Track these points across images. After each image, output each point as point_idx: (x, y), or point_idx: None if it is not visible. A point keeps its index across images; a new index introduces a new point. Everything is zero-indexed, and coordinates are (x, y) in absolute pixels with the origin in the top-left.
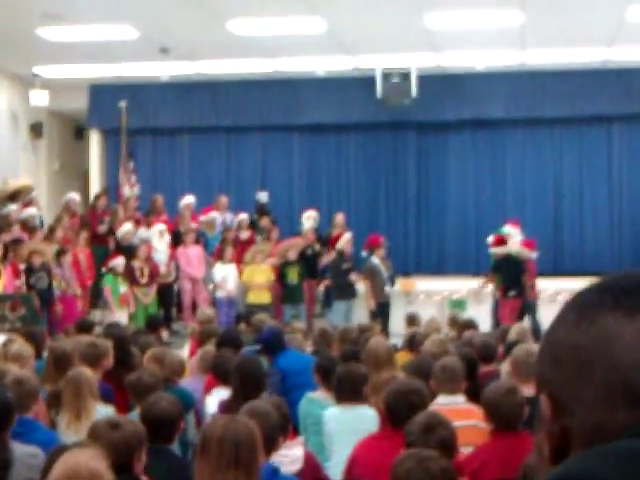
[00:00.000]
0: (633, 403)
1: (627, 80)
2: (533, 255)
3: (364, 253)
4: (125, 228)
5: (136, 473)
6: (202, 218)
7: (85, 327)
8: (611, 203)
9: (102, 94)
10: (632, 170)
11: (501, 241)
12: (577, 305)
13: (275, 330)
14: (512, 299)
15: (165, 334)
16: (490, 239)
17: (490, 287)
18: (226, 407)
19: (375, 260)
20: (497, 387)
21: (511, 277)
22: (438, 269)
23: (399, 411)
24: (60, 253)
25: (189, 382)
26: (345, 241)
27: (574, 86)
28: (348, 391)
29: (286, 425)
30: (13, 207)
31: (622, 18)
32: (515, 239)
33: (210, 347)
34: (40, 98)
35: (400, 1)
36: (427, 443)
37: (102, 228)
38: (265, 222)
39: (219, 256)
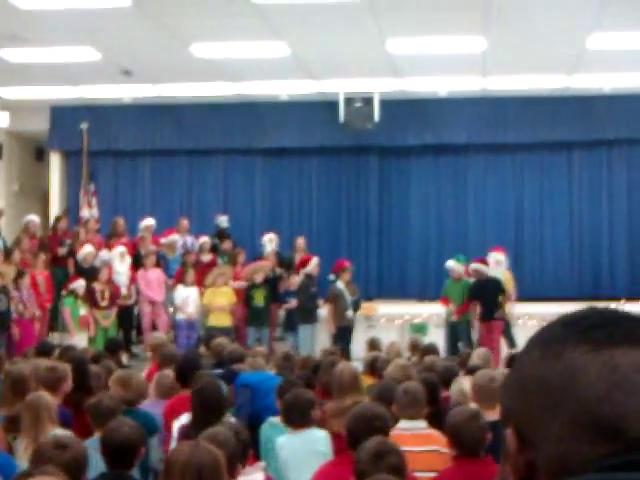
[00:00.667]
0: (599, 437)
1: (587, 107)
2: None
3: (332, 276)
4: (86, 250)
5: None
6: (163, 240)
7: (45, 350)
8: (571, 229)
9: (63, 115)
10: (592, 196)
11: (485, 263)
12: (543, 339)
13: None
14: (497, 321)
15: (124, 357)
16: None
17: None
18: (185, 432)
19: (340, 285)
20: (460, 412)
21: (492, 300)
22: (400, 293)
23: (361, 436)
24: (18, 275)
25: (147, 406)
26: (314, 265)
27: (535, 112)
28: (296, 416)
29: (246, 451)
30: None
31: (583, 46)
32: (503, 267)
33: (168, 371)
34: (0, 119)
35: (363, 27)
36: (377, 469)
37: (62, 250)
38: (227, 245)
39: (179, 279)
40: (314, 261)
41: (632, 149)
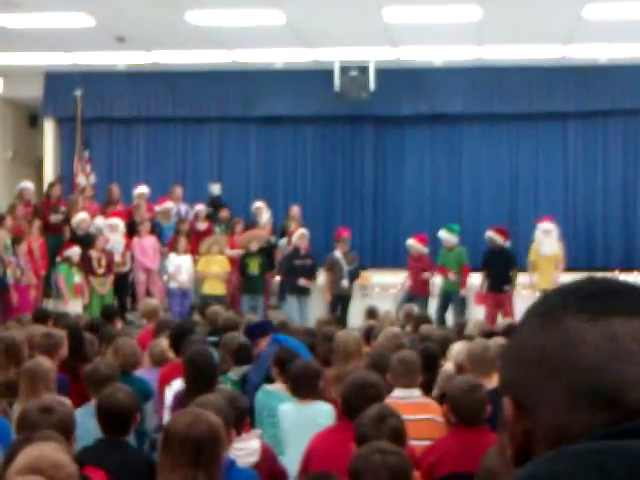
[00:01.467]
0: (597, 406)
1: (583, 77)
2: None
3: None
4: (80, 217)
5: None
6: (157, 208)
7: (41, 317)
8: (566, 199)
9: (57, 82)
10: (587, 166)
11: (500, 232)
12: (542, 309)
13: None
14: (506, 293)
15: (119, 324)
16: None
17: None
18: (179, 399)
19: (337, 253)
20: (461, 382)
21: (502, 271)
22: (394, 263)
23: (356, 404)
24: (15, 242)
25: (142, 373)
26: (297, 236)
27: (531, 82)
28: (304, 387)
29: (242, 418)
30: None
31: (579, 15)
32: (553, 236)
33: (161, 339)
34: None
35: None
36: (380, 433)
37: (57, 217)
38: (224, 214)
39: (172, 247)
40: (298, 232)
41: (628, 120)
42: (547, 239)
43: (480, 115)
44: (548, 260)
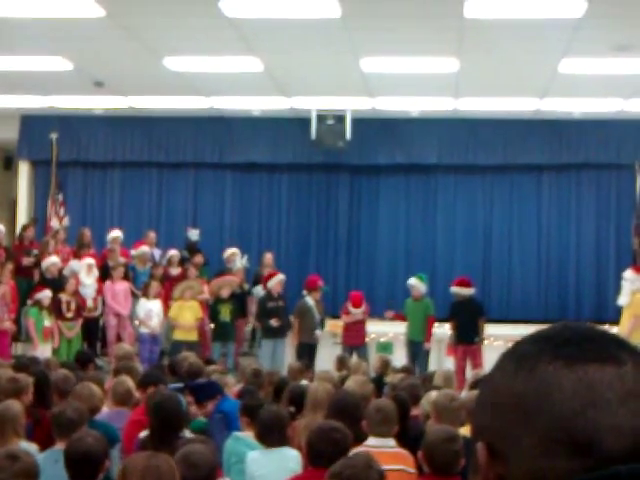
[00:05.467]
0: (572, 452)
1: (558, 130)
2: None
3: (304, 292)
4: (50, 261)
5: None
6: (133, 252)
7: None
8: (539, 251)
9: (33, 125)
10: (561, 219)
11: (463, 283)
12: (516, 355)
13: (212, 381)
14: (476, 345)
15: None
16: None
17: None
18: (143, 445)
19: (309, 301)
20: (438, 431)
21: (470, 322)
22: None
23: (322, 448)
24: None
25: (105, 414)
26: (276, 281)
27: (506, 134)
28: (273, 433)
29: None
30: None
31: (555, 70)
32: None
33: (124, 378)
34: None
35: (337, 45)
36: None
37: (28, 260)
38: (199, 259)
39: (144, 292)
40: (277, 277)
41: (600, 173)
42: (631, 287)
43: (455, 166)
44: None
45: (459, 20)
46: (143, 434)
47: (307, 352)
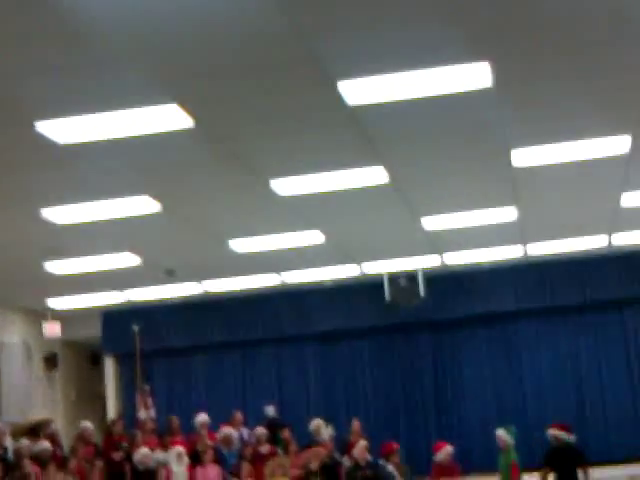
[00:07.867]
0: None
1: (634, 263)
2: None
3: (380, 461)
4: (142, 452)
5: None
6: (218, 435)
7: None
8: (633, 389)
9: (115, 320)
10: None
11: (564, 428)
12: None
13: None
14: None
15: None
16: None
17: None
18: None
19: (389, 468)
20: None
21: (569, 469)
22: (463, 466)
23: None
24: None
25: None
26: (359, 449)
27: (581, 273)
28: None
29: None
30: (25, 442)
31: (617, 205)
32: None
33: None
34: (53, 330)
35: (392, 209)
36: None
37: (118, 455)
38: (286, 434)
39: (235, 473)
40: (360, 445)
41: None
42: None
43: (534, 310)
44: None
45: (508, 170)
46: None
47: None
